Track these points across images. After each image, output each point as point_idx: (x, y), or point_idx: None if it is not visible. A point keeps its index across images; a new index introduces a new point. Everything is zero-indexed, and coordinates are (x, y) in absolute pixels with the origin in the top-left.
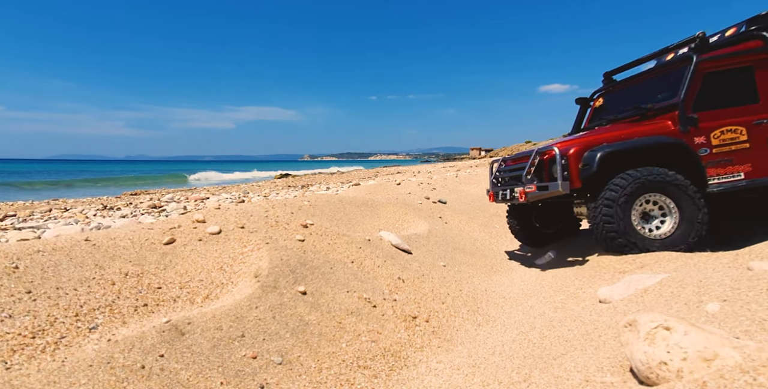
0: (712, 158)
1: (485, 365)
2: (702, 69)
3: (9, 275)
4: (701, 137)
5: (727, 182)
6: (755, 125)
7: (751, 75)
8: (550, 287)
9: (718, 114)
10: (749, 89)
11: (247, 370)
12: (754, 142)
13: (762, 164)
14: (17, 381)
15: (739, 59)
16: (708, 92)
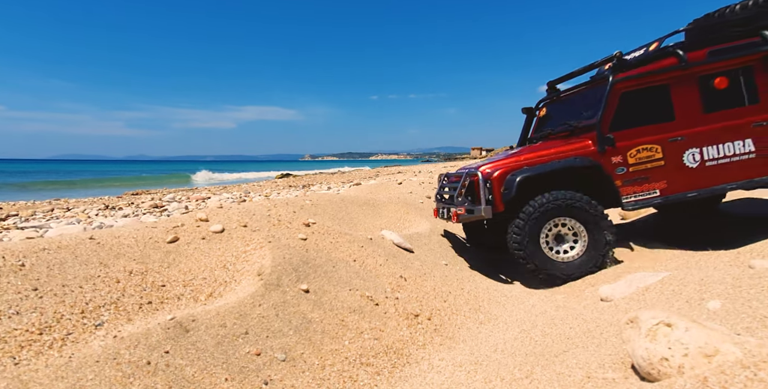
0: (629, 177)
1: (487, 362)
2: (618, 89)
3: (15, 273)
4: (618, 157)
5: (642, 199)
6: (670, 142)
7: (667, 93)
8: (552, 285)
9: (634, 133)
10: (665, 107)
11: (251, 367)
12: (669, 159)
13: (676, 181)
14: (26, 376)
15: (655, 78)
16: (625, 111)
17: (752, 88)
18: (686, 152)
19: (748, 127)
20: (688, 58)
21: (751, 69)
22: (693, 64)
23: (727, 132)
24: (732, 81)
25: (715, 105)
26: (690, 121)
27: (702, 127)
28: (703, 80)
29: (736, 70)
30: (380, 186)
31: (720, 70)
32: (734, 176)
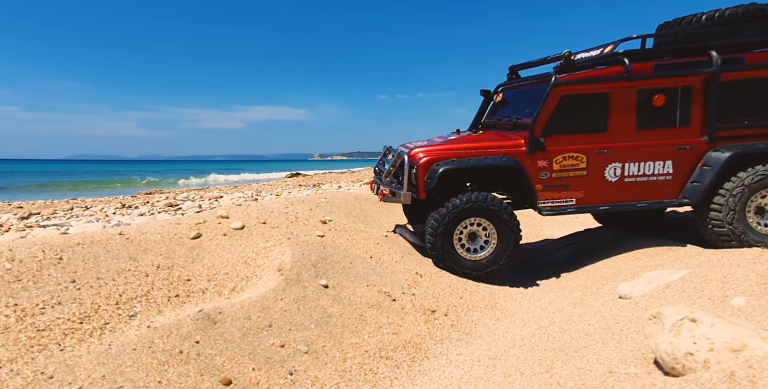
0: (550, 182)
1: (506, 357)
2: (559, 92)
3: (55, 266)
4: (544, 161)
5: (557, 206)
6: (596, 153)
7: (606, 102)
8: (568, 283)
9: (565, 139)
10: (601, 117)
11: (276, 358)
12: (592, 170)
13: (593, 192)
14: (71, 362)
15: (598, 85)
16: (561, 116)
17: (686, 110)
18: (609, 166)
19: (671, 149)
20: (633, 70)
21: (690, 90)
22: (637, 77)
23: (651, 151)
24: (669, 100)
25: (648, 123)
26: (621, 135)
27: (630, 142)
28: (643, 95)
29: (676, 89)
30: None
31: (661, 87)
32: (646, 195)
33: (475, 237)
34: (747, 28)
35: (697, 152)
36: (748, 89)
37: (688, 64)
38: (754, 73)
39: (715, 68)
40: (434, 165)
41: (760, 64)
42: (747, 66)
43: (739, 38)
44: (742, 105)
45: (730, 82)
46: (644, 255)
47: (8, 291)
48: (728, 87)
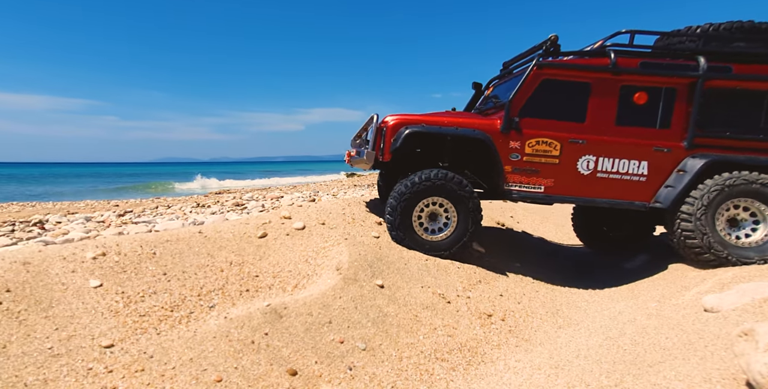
0: (521, 165)
1: (569, 367)
2: (540, 74)
3: (150, 259)
4: (517, 142)
5: (525, 191)
6: (570, 143)
7: (587, 93)
8: (642, 292)
9: (541, 124)
10: (580, 107)
11: (336, 353)
12: (564, 159)
13: (563, 182)
14: (166, 345)
15: (580, 73)
16: (540, 99)
17: (668, 112)
18: (582, 158)
19: (649, 149)
20: (619, 63)
21: (674, 92)
22: (621, 71)
23: (628, 149)
24: (652, 99)
25: (628, 119)
26: (598, 128)
27: (607, 137)
28: (625, 91)
29: (660, 89)
30: None
31: (644, 85)
32: (617, 193)
33: (435, 217)
34: (737, 41)
35: (674, 157)
36: (732, 100)
37: (674, 65)
38: (740, 83)
39: (701, 73)
40: (402, 127)
41: (746, 75)
42: (733, 75)
43: (729, 48)
44: (726, 115)
45: (715, 90)
46: (734, 265)
47: (117, 281)
48: (713, 95)
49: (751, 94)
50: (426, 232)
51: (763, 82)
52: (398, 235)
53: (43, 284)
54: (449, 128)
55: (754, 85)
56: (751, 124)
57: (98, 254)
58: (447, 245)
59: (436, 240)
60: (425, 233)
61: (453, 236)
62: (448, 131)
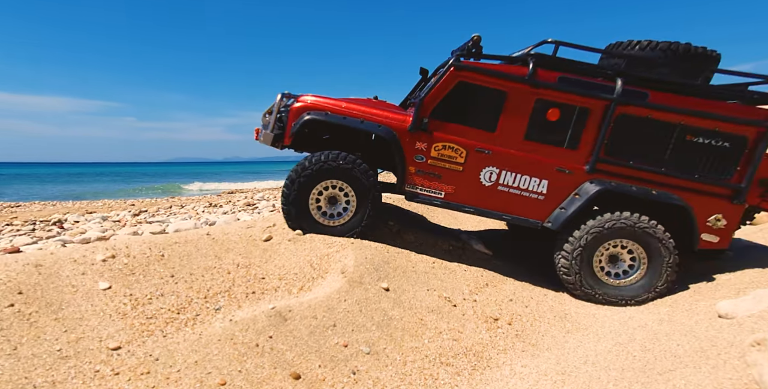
0: (424, 168)
1: (576, 373)
2: (457, 75)
3: (158, 262)
4: (423, 144)
5: (425, 195)
6: (477, 152)
7: (501, 102)
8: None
9: (451, 128)
10: (492, 115)
11: (340, 356)
12: (468, 168)
13: (464, 191)
14: (172, 347)
15: (498, 81)
16: (454, 102)
17: (578, 132)
18: (486, 168)
19: (551, 169)
20: (538, 75)
21: (587, 113)
22: (538, 84)
23: (531, 166)
24: (564, 117)
25: (537, 135)
26: (506, 140)
27: (514, 150)
28: (539, 105)
29: (574, 108)
30: None
31: (559, 102)
32: (515, 208)
33: (335, 201)
34: (662, 66)
35: (575, 179)
36: (642, 128)
37: (592, 84)
38: (653, 113)
39: (616, 97)
40: (305, 112)
41: (661, 105)
42: (648, 103)
43: (651, 73)
44: (633, 143)
45: (627, 117)
46: (752, 269)
47: (126, 283)
48: (624, 121)
49: (662, 125)
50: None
51: (675, 114)
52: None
53: (53, 287)
54: (353, 119)
55: (666, 117)
56: (656, 156)
57: (108, 256)
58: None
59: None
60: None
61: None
62: (349, 122)
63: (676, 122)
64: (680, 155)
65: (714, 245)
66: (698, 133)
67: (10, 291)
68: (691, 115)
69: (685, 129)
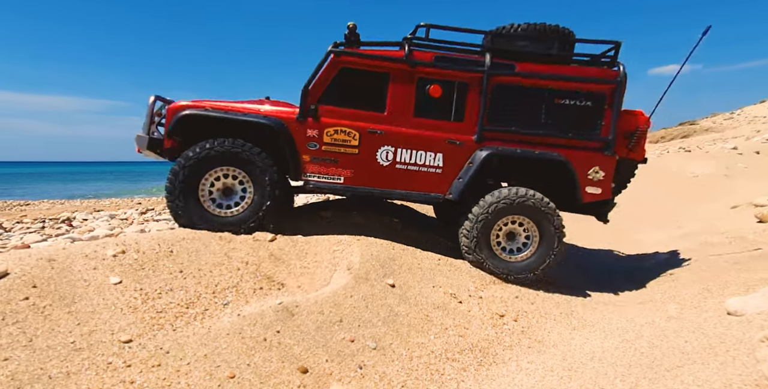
0: (319, 155)
1: (583, 369)
2: (338, 62)
3: (167, 257)
4: (315, 131)
5: (324, 182)
6: (369, 133)
7: (385, 83)
8: (662, 293)
9: (341, 113)
10: (379, 97)
11: (347, 351)
12: (364, 150)
13: (363, 173)
14: (182, 341)
15: (378, 63)
16: (340, 87)
17: (461, 106)
18: (381, 148)
19: (443, 142)
20: (415, 56)
21: (466, 87)
22: (416, 63)
23: (425, 141)
24: (446, 93)
25: (425, 111)
26: (397, 118)
27: (406, 128)
28: (422, 83)
29: (453, 83)
30: None
31: (439, 79)
32: (417, 185)
33: (230, 192)
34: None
35: (466, 150)
36: (517, 96)
37: (465, 60)
38: (523, 80)
39: (486, 69)
40: (180, 110)
41: (528, 72)
42: (516, 73)
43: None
44: (511, 111)
45: (501, 86)
46: (763, 266)
47: (136, 278)
48: (499, 91)
49: (532, 91)
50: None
51: (540, 79)
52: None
53: (66, 281)
54: (237, 113)
55: (534, 83)
56: (533, 120)
57: (118, 251)
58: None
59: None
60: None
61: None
62: (232, 115)
63: (544, 87)
64: (553, 116)
65: (598, 197)
66: (564, 95)
67: (24, 285)
68: (554, 79)
69: (553, 92)
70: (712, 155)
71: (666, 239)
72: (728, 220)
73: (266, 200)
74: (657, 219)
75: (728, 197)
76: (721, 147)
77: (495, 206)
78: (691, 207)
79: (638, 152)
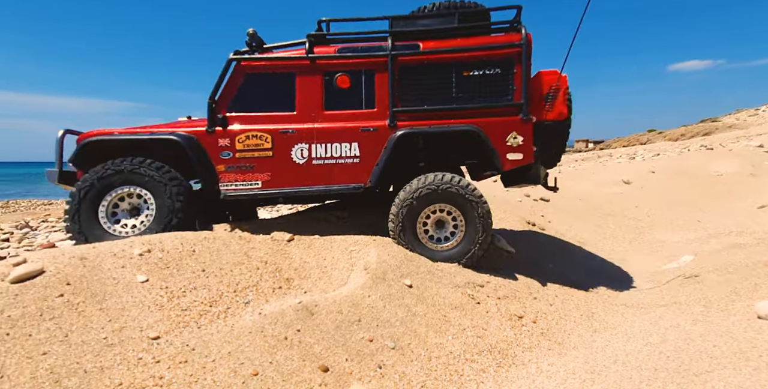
0: (234, 163)
1: (606, 373)
2: (242, 68)
3: (190, 256)
4: (226, 139)
5: (243, 189)
6: (281, 134)
7: (292, 82)
8: (686, 296)
9: (250, 118)
10: (288, 96)
11: (366, 351)
12: (278, 151)
13: (281, 175)
14: (206, 338)
15: (282, 63)
16: (248, 92)
17: (371, 92)
18: (295, 147)
19: (356, 131)
20: (317, 52)
21: (372, 73)
22: (320, 57)
23: (338, 133)
24: (354, 82)
25: (335, 104)
26: (308, 115)
27: (317, 123)
28: (328, 76)
29: (360, 71)
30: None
31: (345, 69)
32: (336, 178)
33: (137, 211)
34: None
35: (381, 135)
36: (425, 74)
37: (367, 48)
38: (428, 57)
39: (389, 52)
40: (86, 138)
41: (432, 49)
42: (421, 51)
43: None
44: (421, 90)
45: (407, 67)
46: None
47: (161, 276)
48: (406, 71)
49: (440, 67)
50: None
51: (446, 54)
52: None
53: (97, 279)
54: (139, 134)
55: (440, 59)
56: (445, 95)
57: (144, 251)
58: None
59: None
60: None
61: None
62: (139, 136)
63: (450, 61)
64: (464, 88)
65: (521, 162)
66: (472, 66)
67: (59, 282)
68: (459, 51)
69: (461, 65)
70: (736, 153)
71: (690, 240)
72: (756, 220)
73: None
74: (680, 219)
75: (755, 196)
76: (745, 145)
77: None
78: (716, 207)
79: (556, 111)
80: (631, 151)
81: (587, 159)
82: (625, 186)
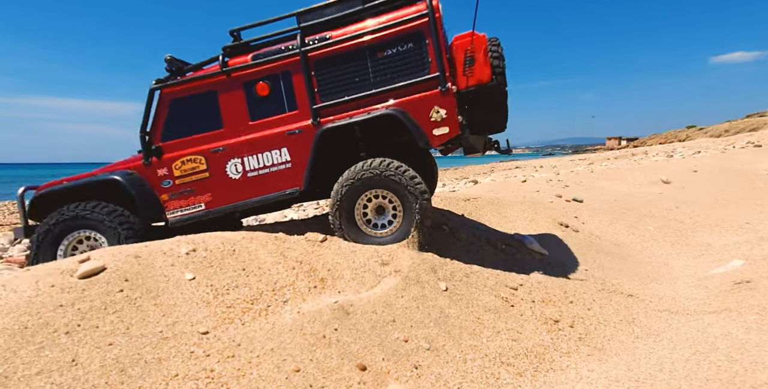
0: (175, 190)
1: (652, 381)
2: (166, 95)
3: (231, 256)
4: (164, 169)
5: (188, 213)
6: (213, 153)
7: (215, 100)
8: (736, 303)
9: (182, 143)
10: (214, 115)
11: (402, 351)
12: (213, 171)
13: (221, 193)
14: (250, 335)
15: (201, 83)
16: (176, 118)
17: (291, 94)
18: (229, 163)
19: (283, 136)
20: (232, 64)
21: (289, 74)
22: (234, 69)
23: (266, 141)
24: (273, 87)
25: (260, 113)
26: (237, 130)
27: (246, 136)
28: (247, 86)
29: (276, 75)
30: (502, 184)
31: (261, 76)
32: (273, 186)
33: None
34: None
35: (307, 136)
36: (340, 64)
37: (279, 50)
38: (336, 47)
39: (300, 50)
40: (37, 193)
41: (341, 38)
42: (331, 42)
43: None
44: (340, 81)
45: (321, 61)
46: None
47: (206, 274)
48: (321, 66)
49: (352, 53)
50: None
51: (355, 39)
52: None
53: (150, 276)
54: (87, 178)
55: (350, 45)
56: (364, 81)
57: (190, 250)
58: None
59: None
60: None
61: None
62: (81, 182)
63: (362, 45)
64: (382, 70)
65: (448, 136)
66: (384, 46)
67: (119, 278)
68: (368, 34)
69: (373, 48)
70: None
71: (739, 243)
72: None
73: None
74: (726, 221)
75: None
76: None
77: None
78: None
79: (477, 76)
80: (669, 148)
81: (620, 157)
82: (665, 186)
